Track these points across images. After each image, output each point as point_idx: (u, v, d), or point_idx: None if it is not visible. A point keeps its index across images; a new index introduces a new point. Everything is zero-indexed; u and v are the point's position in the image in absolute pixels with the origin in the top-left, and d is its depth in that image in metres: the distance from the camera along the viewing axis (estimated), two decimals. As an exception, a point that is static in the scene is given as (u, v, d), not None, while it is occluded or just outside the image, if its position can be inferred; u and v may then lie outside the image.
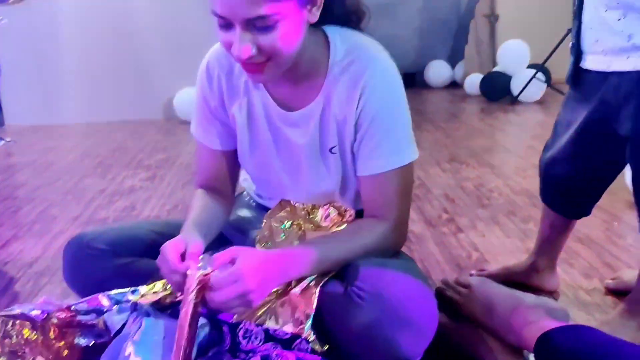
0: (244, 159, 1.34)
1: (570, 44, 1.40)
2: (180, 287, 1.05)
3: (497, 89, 4.70)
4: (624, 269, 1.70)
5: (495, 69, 4.88)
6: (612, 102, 1.30)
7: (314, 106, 1.21)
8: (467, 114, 4.43)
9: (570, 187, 1.50)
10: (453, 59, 5.56)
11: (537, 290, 1.61)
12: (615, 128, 1.31)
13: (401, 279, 1.10)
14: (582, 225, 2.02)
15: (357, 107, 1.17)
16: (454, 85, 5.44)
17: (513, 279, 1.65)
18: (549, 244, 1.61)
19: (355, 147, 1.22)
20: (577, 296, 1.58)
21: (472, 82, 4.97)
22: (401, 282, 1.09)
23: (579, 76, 1.39)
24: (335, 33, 1.19)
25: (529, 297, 1.27)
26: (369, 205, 1.24)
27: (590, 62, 1.34)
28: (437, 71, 5.50)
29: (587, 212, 1.56)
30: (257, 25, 1.02)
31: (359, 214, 1.31)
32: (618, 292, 1.58)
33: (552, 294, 1.60)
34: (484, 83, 4.79)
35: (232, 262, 1.04)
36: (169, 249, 1.08)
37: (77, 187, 2.79)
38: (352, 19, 1.22)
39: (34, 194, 2.70)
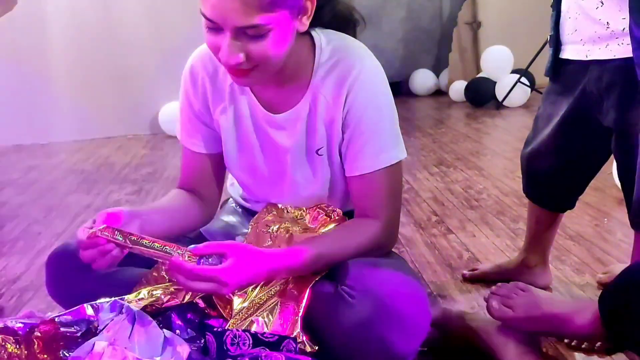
0: (230, 163, 1.32)
1: (549, 35, 1.40)
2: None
3: (482, 95, 4.71)
4: (615, 263, 1.69)
5: (480, 75, 4.90)
6: (594, 92, 1.29)
7: (300, 108, 1.20)
8: (453, 119, 4.44)
9: (553, 180, 1.49)
10: (437, 67, 5.58)
11: None
12: (598, 119, 1.31)
13: (392, 276, 1.08)
14: (572, 223, 2.02)
15: (344, 107, 1.16)
16: (439, 92, 5.45)
17: (505, 277, 1.62)
18: (538, 240, 1.60)
19: (343, 147, 1.20)
20: (570, 291, 1.57)
21: (457, 88, 4.99)
22: (392, 279, 1.08)
23: (558, 68, 1.38)
24: (320, 34, 1.18)
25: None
26: (359, 205, 1.22)
27: (570, 52, 1.33)
28: (422, 79, 5.52)
29: (571, 205, 1.55)
30: (249, 33, 1.01)
31: (348, 215, 1.29)
32: (611, 286, 1.57)
33: (544, 290, 1.59)
34: (468, 89, 4.81)
35: (222, 256, 1.03)
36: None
37: (61, 203, 2.75)
38: (342, 27, 1.21)
39: (16, 212, 2.65)
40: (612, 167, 2.25)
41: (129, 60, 4.31)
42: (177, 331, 1.19)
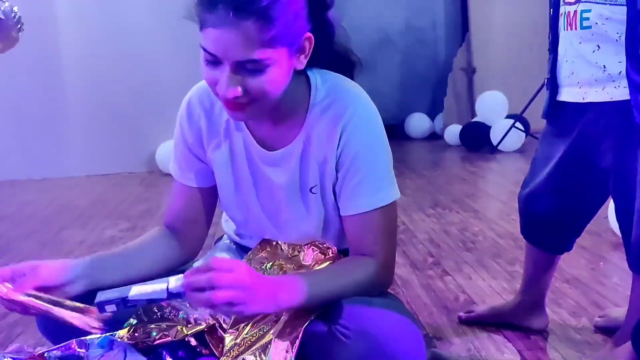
0: (224, 198, 1.32)
1: (546, 78, 1.42)
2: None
3: (476, 139, 4.75)
4: (611, 307, 1.68)
5: (475, 119, 4.95)
6: (591, 134, 1.30)
7: (294, 146, 1.20)
8: (448, 162, 4.46)
9: (551, 221, 1.49)
10: (432, 111, 5.65)
11: (525, 330, 1.58)
12: (595, 160, 1.32)
13: (387, 315, 1.07)
14: (568, 266, 2.01)
15: (338, 146, 1.17)
16: (434, 136, 5.50)
17: (501, 320, 1.61)
18: (535, 282, 1.59)
19: (337, 186, 1.20)
20: (567, 335, 1.55)
21: (452, 132, 5.03)
22: (387, 319, 1.06)
23: (555, 110, 1.40)
24: (316, 74, 1.19)
25: None
26: (355, 244, 1.22)
27: (566, 95, 1.35)
28: (417, 123, 5.58)
29: (569, 247, 1.55)
30: (248, 67, 1.02)
31: (343, 253, 1.29)
32: (607, 330, 1.55)
33: (541, 333, 1.57)
34: (463, 133, 4.85)
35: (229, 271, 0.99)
36: None
37: (55, 238, 2.73)
38: (339, 68, 1.23)
39: (9, 246, 2.63)
40: (607, 211, 2.25)
41: (126, 98, 4.35)
42: (168, 368, 1.17)
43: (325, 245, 1.30)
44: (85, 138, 4.36)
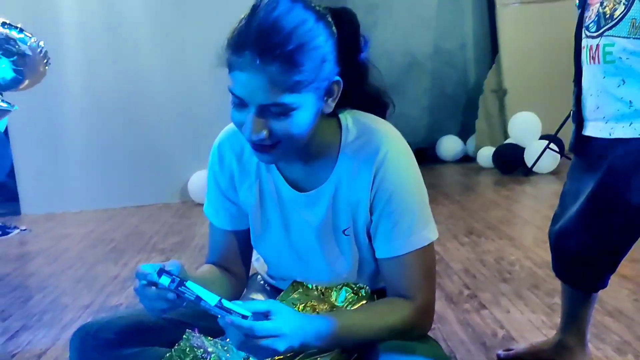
0: (256, 239, 1.31)
1: (571, 111, 1.38)
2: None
3: (510, 161, 4.68)
4: (659, 343, 1.61)
5: (507, 141, 4.88)
6: (620, 170, 1.26)
7: (325, 187, 1.19)
8: (481, 186, 4.40)
9: (584, 259, 1.43)
10: (464, 134, 5.59)
11: None
12: (626, 197, 1.27)
13: (425, 361, 1.04)
14: (609, 298, 1.94)
15: (372, 188, 1.15)
16: (467, 159, 5.44)
17: (542, 358, 1.56)
18: (574, 320, 1.53)
19: (372, 229, 1.18)
20: (612, 374, 1.49)
21: (485, 155, 4.97)
22: (424, 365, 1.03)
23: (582, 144, 1.36)
24: (347, 114, 1.18)
25: None
26: (392, 286, 1.19)
27: (593, 129, 1.31)
28: (449, 146, 5.53)
29: (604, 284, 1.49)
30: (273, 111, 1.02)
31: (376, 293, 1.26)
32: (656, 369, 1.49)
33: None
34: (496, 155, 4.78)
35: (266, 314, 1.00)
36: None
37: (88, 274, 2.76)
38: (371, 109, 1.22)
39: (45, 283, 2.66)
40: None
41: (159, 130, 4.42)
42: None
43: (358, 286, 1.27)
44: (120, 170, 4.42)
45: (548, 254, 2.13)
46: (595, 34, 1.26)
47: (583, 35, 1.32)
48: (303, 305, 1.29)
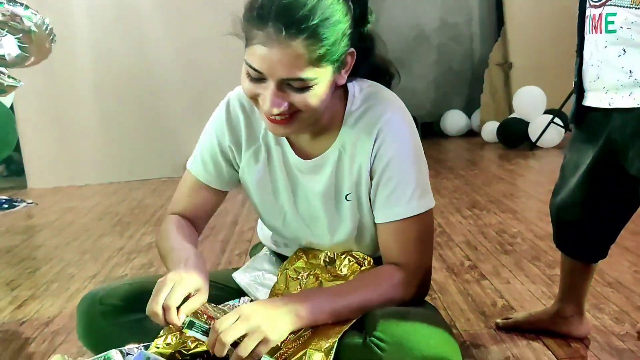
0: (262, 205, 1.32)
1: (574, 81, 1.39)
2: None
3: (514, 136, 4.67)
4: (657, 313, 1.63)
5: (512, 115, 4.87)
6: (618, 140, 1.27)
7: (330, 153, 1.20)
8: (485, 161, 4.40)
9: (584, 230, 1.45)
10: (469, 108, 5.58)
11: (566, 337, 1.54)
12: (624, 167, 1.28)
13: (422, 328, 1.06)
14: (610, 269, 1.96)
15: (372, 153, 1.16)
16: (471, 133, 5.44)
17: (540, 327, 1.58)
18: (572, 290, 1.55)
19: (372, 194, 1.20)
20: (609, 342, 1.51)
21: (489, 129, 4.96)
22: (423, 331, 1.05)
23: (582, 115, 1.36)
24: (354, 83, 1.19)
25: None
26: (386, 253, 1.21)
27: (592, 100, 1.31)
28: (454, 120, 5.52)
29: (603, 255, 1.50)
30: (293, 85, 1.03)
31: (377, 261, 1.28)
32: (652, 338, 1.51)
33: (582, 340, 1.54)
34: (501, 130, 4.78)
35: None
36: (177, 291, 1.04)
37: (95, 245, 2.79)
38: (377, 79, 1.23)
39: (51, 254, 2.70)
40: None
41: (163, 104, 4.42)
42: (204, 379, 1.18)
43: (361, 256, 1.29)
44: (124, 144, 4.44)
45: (550, 227, 2.16)
46: (598, 4, 1.26)
47: (587, 5, 1.31)
48: (307, 273, 1.31)
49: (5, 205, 3.81)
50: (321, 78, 1.04)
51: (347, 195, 1.22)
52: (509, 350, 1.51)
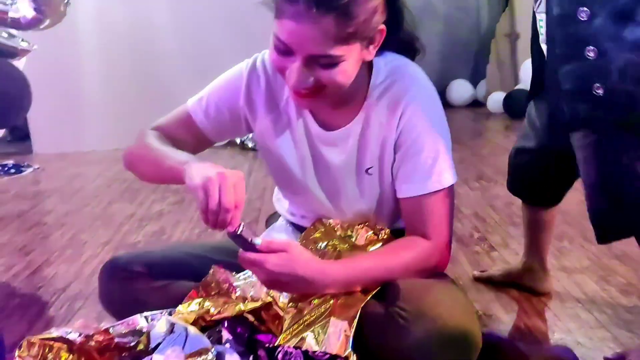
0: (282, 176, 1.33)
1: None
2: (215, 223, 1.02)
3: (520, 107, 4.64)
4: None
5: (518, 86, 4.85)
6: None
7: (353, 126, 1.21)
8: (492, 131, 4.41)
9: (535, 173, 1.55)
10: (475, 78, 5.56)
11: (531, 292, 1.65)
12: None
13: (444, 298, 1.09)
14: (618, 242, 1.98)
15: (398, 127, 1.17)
16: (477, 103, 5.42)
17: (510, 280, 1.70)
18: (533, 243, 1.66)
19: (394, 168, 1.21)
20: (617, 314, 1.55)
21: (495, 100, 4.95)
22: (444, 301, 1.08)
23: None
24: (379, 57, 1.19)
25: None
26: (411, 226, 1.23)
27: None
28: (459, 90, 5.50)
29: (556, 200, 1.59)
30: (321, 62, 1.04)
31: (394, 233, 1.30)
32: (659, 310, 1.54)
33: (544, 295, 1.63)
34: (507, 101, 4.77)
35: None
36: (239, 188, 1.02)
37: (105, 212, 2.82)
38: (403, 53, 1.23)
39: (62, 220, 2.72)
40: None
41: (170, 72, 4.39)
42: (227, 345, 1.21)
43: (378, 227, 1.32)
44: (131, 110, 4.41)
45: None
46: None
47: None
48: (325, 243, 1.33)
49: (12, 170, 3.83)
50: (349, 55, 1.04)
51: (368, 169, 1.23)
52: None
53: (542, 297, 1.66)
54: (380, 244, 1.29)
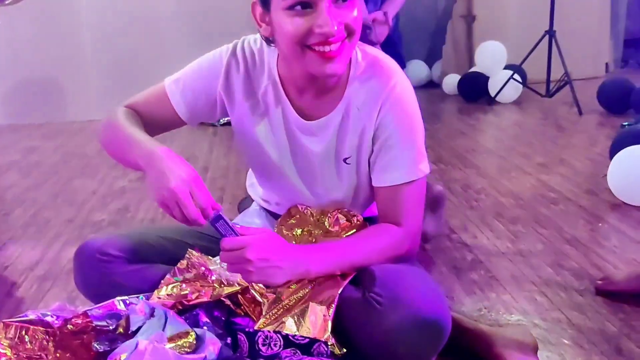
0: (260, 164, 1.37)
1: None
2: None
3: (474, 90, 4.78)
4: (612, 270, 1.78)
5: (473, 69, 4.96)
6: None
7: (332, 116, 1.26)
8: (447, 114, 4.50)
9: None
10: (430, 59, 5.64)
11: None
12: None
13: (417, 283, 1.15)
14: (568, 226, 2.10)
15: (376, 119, 1.23)
16: (432, 84, 5.51)
17: None
18: None
19: (372, 158, 1.27)
20: (571, 297, 1.65)
21: (450, 82, 5.05)
22: (417, 287, 1.14)
23: None
24: (357, 49, 1.24)
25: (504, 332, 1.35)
26: (384, 213, 1.29)
27: None
28: (415, 71, 5.57)
29: None
30: (343, 3, 1.10)
31: (367, 220, 1.36)
32: (607, 293, 1.64)
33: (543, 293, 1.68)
34: (462, 83, 4.87)
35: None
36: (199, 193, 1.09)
37: (66, 188, 2.78)
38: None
39: (23, 196, 2.68)
40: (606, 170, 2.33)
41: (128, 39, 4.31)
42: (205, 328, 1.25)
43: (351, 213, 1.37)
44: (86, 82, 4.33)
45: (511, 184, 2.26)
46: None
47: None
48: (301, 230, 1.38)
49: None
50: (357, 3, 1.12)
51: (346, 158, 1.28)
52: (481, 303, 1.64)
53: (500, 280, 1.74)
54: (354, 230, 1.35)
